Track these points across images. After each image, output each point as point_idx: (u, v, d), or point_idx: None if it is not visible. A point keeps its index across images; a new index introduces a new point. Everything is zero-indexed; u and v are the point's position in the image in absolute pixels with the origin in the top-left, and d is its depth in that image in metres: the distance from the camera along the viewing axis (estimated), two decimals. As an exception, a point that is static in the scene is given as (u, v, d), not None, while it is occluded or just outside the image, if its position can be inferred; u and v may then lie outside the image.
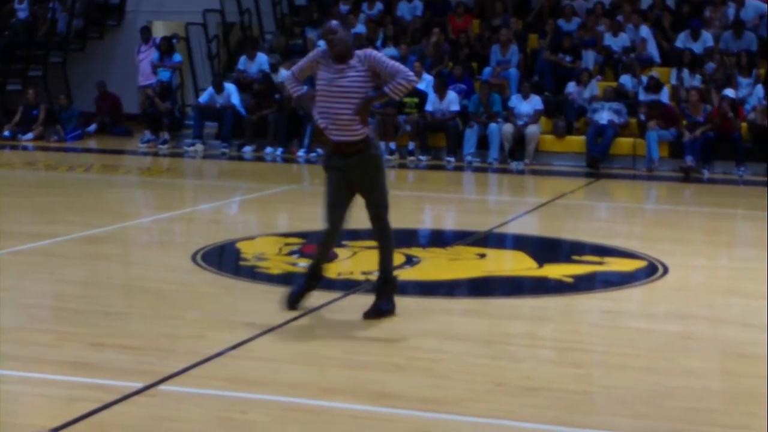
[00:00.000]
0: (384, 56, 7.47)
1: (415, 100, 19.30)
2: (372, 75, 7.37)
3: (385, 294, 7.66)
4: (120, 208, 13.35)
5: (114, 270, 9.41)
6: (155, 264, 9.67)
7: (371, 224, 7.62)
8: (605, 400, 6.03)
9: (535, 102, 19.01)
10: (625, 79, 19.72)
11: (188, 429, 5.36)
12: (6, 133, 21.33)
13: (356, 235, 10.82)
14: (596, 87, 19.50)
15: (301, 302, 7.71)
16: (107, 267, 9.48)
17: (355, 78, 7.33)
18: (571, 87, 19.56)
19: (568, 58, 20.43)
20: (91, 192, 14.73)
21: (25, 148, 20.59)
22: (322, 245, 7.74)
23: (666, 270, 9.61)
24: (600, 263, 9.94)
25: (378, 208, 7.54)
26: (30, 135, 21.34)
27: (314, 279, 7.77)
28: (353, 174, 7.43)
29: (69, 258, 9.77)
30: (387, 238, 7.66)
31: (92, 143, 21.63)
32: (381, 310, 7.59)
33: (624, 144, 18.76)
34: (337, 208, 7.49)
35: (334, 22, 7.43)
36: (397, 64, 7.42)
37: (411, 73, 7.35)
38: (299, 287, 7.75)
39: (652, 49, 20.51)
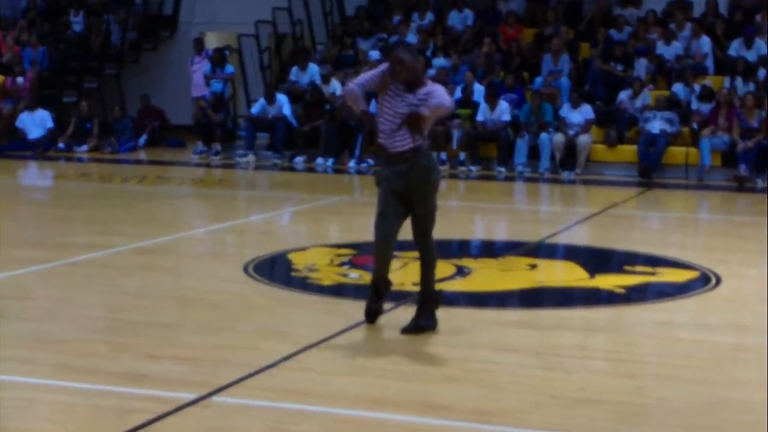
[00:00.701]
0: (441, 93, 7.36)
1: (468, 111, 19.29)
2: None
3: (426, 310, 7.56)
4: (173, 220, 13.46)
5: (167, 281, 9.48)
6: (208, 275, 9.73)
7: (414, 238, 7.57)
8: (659, 412, 5.99)
9: (585, 111, 18.92)
10: (678, 88, 19.58)
11: (241, 440, 5.39)
12: (61, 145, 21.56)
13: (406, 245, 10.84)
14: (648, 96, 19.38)
15: (379, 315, 7.73)
16: (161, 278, 9.55)
17: (425, 110, 7.27)
18: (623, 96, 19.45)
19: (619, 67, 20.33)
20: (145, 203, 14.85)
21: (79, 160, 20.79)
22: (374, 257, 7.66)
23: (719, 280, 9.53)
24: (652, 274, 9.88)
25: (423, 223, 7.48)
26: (85, 147, 21.55)
27: (378, 293, 7.69)
28: (401, 183, 7.36)
29: (123, 269, 9.86)
30: (429, 255, 7.57)
31: (145, 155, 21.80)
32: (420, 326, 7.49)
33: (676, 153, 18.62)
34: (384, 218, 7.43)
35: (401, 51, 7.37)
36: (436, 101, 7.31)
37: (447, 102, 7.37)
38: (371, 304, 7.70)
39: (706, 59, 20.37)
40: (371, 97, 7.69)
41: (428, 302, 7.56)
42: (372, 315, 7.69)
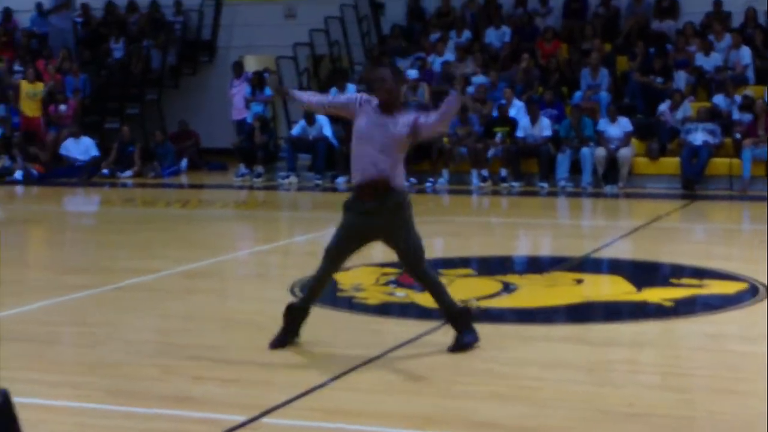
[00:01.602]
0: (423, 117, 7.35)
1: (506, 128, 19.29)
2: (414, 135, 7.32)
3: (462, 326, 7.44)
4: (217, 242, 13.53)
5: (213, 304, 9.53)
6: (253, 297, 9.77)
7: (407, 272, 7.56)
8: (710, 426, 5.95)
9: (623, 124, 18.87)
10: (719, 99, 19.49)
11: (292, 461, 5.40)
12: (104, 171, 21.73)
13: (450, 263, 10.85)
14: (689, 108, 19.29)
15: (286, 342, 7.56)
16: (206, 301, 9.61)
17: (400, 129, 7.25)
18: (663, 108, 19.38)
19: (659, 80, 20.26)
20: (189, 227, 14.95)
21: (123, 185, 20.96)
22: (313, 286, 7.62)
23: (767, 291, 9.46)
24: (700, 286, 9.82)
25: (408, 259, 7.39)
26: (128, 172, 21.72)
27: (292, 320, 7.61)
28: (372, 221, 7.32)
29: (169, 293, 9.92)
30: (430, 282, 7.48)
31: (188, 179, 21.93)
32: (465, 344, 7.39)
33: (719, 164, 18.52)
34: (340, 252, 7.46)
35: (385, 71, 7.40)
36: (432, 123, 7.35)
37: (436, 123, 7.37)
38: (282, 336, 7.59)
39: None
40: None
41: (459, 320, 7.46)
42: (279, 346, 7.53)
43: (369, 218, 7.31)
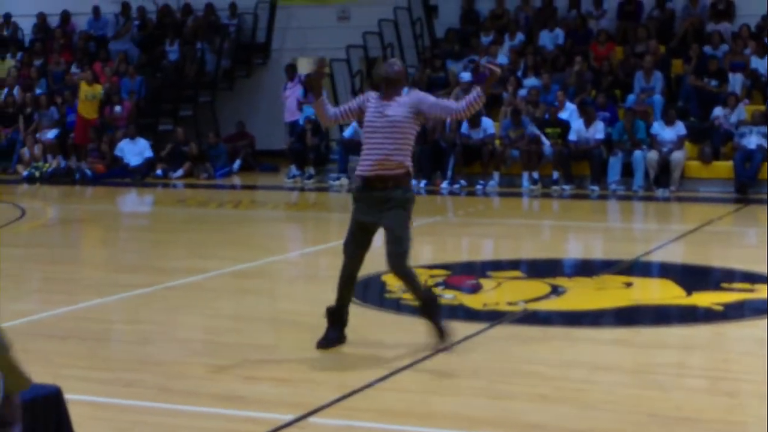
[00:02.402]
0: (427, 95, 7.59)
1: (558, 130, 19.24)
2: (416, 113, 7.39)
3: (431, 314, 7.54)
4: (268, 243, 13.62)
5: (263, 304, 9.61)
6: (303, 298, 9.84)
7: (387, 263, 7.49)
8: (757, 430, 5.92)
9: (678, 128, 18.74)
10: (774, 102, 19.32)
11: (339, 460, 5.44)
12: (158, 171, 21.93)
13: (499, 265, 10.86)
14: (744, 111, 19.13)
15: (331, 343, 7.60)
16: (256, 301, 9.68)
17: (399, 111, 7.36)
18: (718, 111, 19.24)
19: (713, 83, 20.11)
20: (240, 227, 15.05)
21: (175, 186, 21.13)
22: (340, 283, 7.68)
23: (819, 297, 9.38)
24: (751, 290, 9.75)
25: (395, 245, 7.38)
26: (180, 172, 21.89)
27: (337, 321, 7.67)
28: (377, 208, 7.38)
29: (220, 292, 10.01)
30: (404, 278, 7.55)
31: (239, 180, 22.07)
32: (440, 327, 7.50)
33: (774, 169, 18.34)
34: (354, 244, 7.51)
35: (394, 59, 7.73)
36: (443, 107, 7.54)
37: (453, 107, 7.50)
38: (328, 336, 7.64)
39: (802, 71, 20.09)
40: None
41: (428, 308, 7.55)
42: (328, 345, 7.58)
43: (374, 207, 7.39)
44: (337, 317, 7.66)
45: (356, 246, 7.54)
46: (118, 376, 6.97)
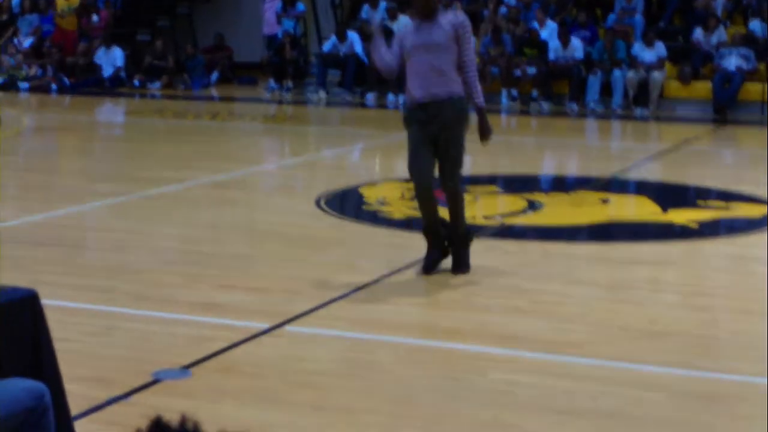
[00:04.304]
0: (470, 36, 7.23)
1: (534, 51, 19.12)
2: (455, 39, 7.14)
3: (464, 246, 7.32)
4: (246, 155, 13.58)
5: (240, 214, 9.59)
6: (280, 209, 9.83)
7: (440, 181, 7.25)
8: (731, 345, 5.99)
9: (659, 49, 18.66)
10: (755, 25, 19.23)
11: (315, 368, 5.47)
12: (135, 82, 21.76)
13: (477, 180, 10.86)
14: (724, 33, 19.06)
15: (433, 265, 7.31)
16: (234, 211, 9.67)
17: (443, 34, 7.11)
18: (698, 33, 19.16)
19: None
20: (218, 139, 14.98)
21: (153, 97, 20.98)
22: (419, 203, 7.31)
23: (794, 216, 9.44)
24: (726, 208, 9.80)
25: (450, 166, 7.16)
26: (157, 84, 21.73)
27: (436, 238, 7.34)
28: (433, 126, 7.11)
29: (197, 202, 9.99)
30: (456, 198, 7.27)
31: (217, 92, 21.93)
32: (467, 262, 7.27)
33: (752, 90, 18.33)
34: (417, 159, 7.15)
35: None
36: (471, 57, 7.20)
37: (475, 72, 7.25)
38: (428, 257, 7.34)
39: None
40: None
41: (464, 240, 7.32)
42: (432, 267, 7.31)
43: (430, 125, 7.12)
44: (437, 238, 7.35)
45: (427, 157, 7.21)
46: (93, 283, 6.97)
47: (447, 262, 7.34)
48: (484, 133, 7.36)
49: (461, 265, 7.28)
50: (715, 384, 5.33)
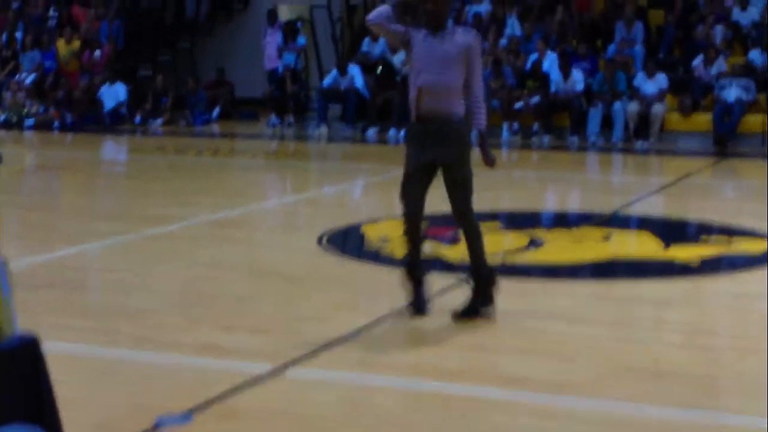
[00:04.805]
0: (479, 56, 7.02)
1: (537, 84, 19.16)
2: (464, 57, 6.90)
3: (479, 292, 7.10)
4: (247, 192, 13.58)
5: (242, 253, 9.57)
6: (282, 247, 9.82)
7: (453, 216, 7.12)
8: (735, 385, 5.95)
9: (660, 81, 18.70)
10: (754, 55, 19.28)
11: (316, 411, 5.44)
12: (137, 118, 21.81)
13: (479, 216, 10.83)
14: (724, 63, 19.10)
15: (426, 304, 7.18)
16: (235, 250, 9.65)
17: (453, 50, 6.87)
18: (698, 63, 19.19)
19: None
20: (219, 176, 14.99)
21: (155, 133, 21.01)
22: (404, 229, 7.12)
23: (797, 251, 9.42)
24: (727, 243, 9.78)
25: (461, 188, 6.97)
26: (159, 120, 21.78)
27: (416, 272, 7.14)
28: (433, 149, 6.90)
29: (198, 241, 9.98)
30: (473, 232, 7.05)
31: (219, 127, 21.97)
32: (475, 309, 7.05)
33: (752, 122, 18.35)
34: (412, 188, 7.01)
35: None
36: (479, 80, 7.00)
37: (482, 96, 7.07)
38: (413, 294, 7.16)
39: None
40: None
41: (481, 282, 7.11)
42: (420, 307, 7.13)
43: (429, 146, 6.93)
44: (418, 274, 7.18)
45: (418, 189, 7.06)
46: (94, 325, 6.95)
47: (444, 301, 7.31)
48: (487, 160, 7.22)
49: (474, 311, 7.03)
50: (719, 424, 5.30)
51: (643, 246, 9.93)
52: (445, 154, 6.96)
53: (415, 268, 7.17)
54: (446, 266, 8.61)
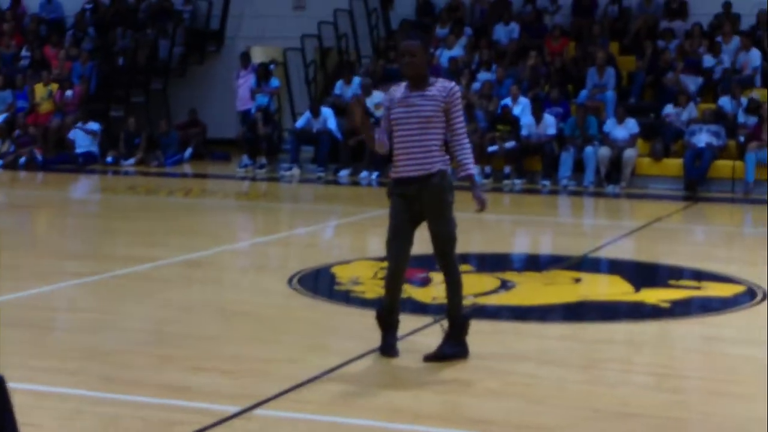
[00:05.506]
0: (460, 105, 7.08)
1: (508, 128, 19.26)
2: (444, 111, 6.97)
3: (452, 337, 7.13)
4: (218, 232, 13.55)
5: (212, 294, 9.54)
6: (252, 288, 9.80)
7: (436, 260, 7.16)
8: (703, 428, 5.96)
9: (630, 126, 18.84)
10: (725, 101, 19.47)
11: (284, 452, 5.41)
12: (109, 158, 21.78)
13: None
14: (695, 109, 19.27)
15: (395, 347, 7.20)
16: (205, 291, 9.62)
17: (433, 106, 6.94)
18: (669, 109, 19.36)
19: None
20: (190, 216, 14.96)
21: (126, 173, 20.97)
22: (386, 283, 7.22)
23: (765, 295, 9.47)
24: (698, 288, 9.83)
25: (443, 242, 7.06)
26: (131, 160, 21.75)
27: (391, 317, 7.21)
28: (418, 201, 7.01)
29: (168, 282, 9.94)
30: (453, 277, 7.14)
31: (191, 168, 21.95)
32: (445, 354, 7.06)
33: (722, 167, 18.51)
34: (398, 243, 7.09)
35: (413, 42, 7.01)
36: (462, 124, 7.05)
37: (467, 140, 7.11)
38: (385, 339, 7.21)
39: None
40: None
41: (457, 328, 7.14)
42: (391, 351, 7.17)
43: (410, 205, 7.01)
44: (391, 322, 7.24)
45: (403, 239, 7.13)
46: (62, 365, 6.89)
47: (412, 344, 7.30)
48: (478, 204, 7.19)
49: (446, 355, 7.06)
50: (687, 469, 5.30)
51: (613, 289, 9.97)
52: (427, 211, 7.03)
53: (391, 313, 7.20)
54: (417, 307, 8.60)
